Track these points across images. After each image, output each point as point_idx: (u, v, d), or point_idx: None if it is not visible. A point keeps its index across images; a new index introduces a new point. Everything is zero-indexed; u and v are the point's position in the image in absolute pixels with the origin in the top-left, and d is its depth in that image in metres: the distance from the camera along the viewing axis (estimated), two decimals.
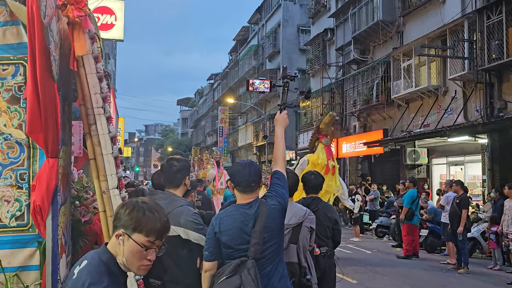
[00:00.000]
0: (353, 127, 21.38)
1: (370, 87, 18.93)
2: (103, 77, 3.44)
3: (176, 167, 3.23)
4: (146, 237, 1.82)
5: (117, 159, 3.53)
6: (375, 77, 18.68)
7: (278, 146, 3.11)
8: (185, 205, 3.16)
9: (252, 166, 2.91)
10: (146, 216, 1.83)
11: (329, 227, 4.46)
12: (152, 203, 1.89)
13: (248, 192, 2.87)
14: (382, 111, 18.56)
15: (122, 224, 1.82)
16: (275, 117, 3.26)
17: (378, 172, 20.48)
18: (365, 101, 19.15)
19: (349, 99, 20.90)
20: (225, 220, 2.85)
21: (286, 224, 3.64)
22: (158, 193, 3.25)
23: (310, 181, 4.50)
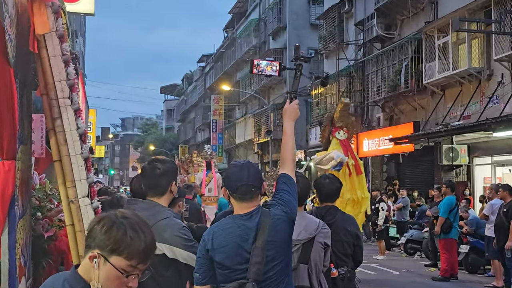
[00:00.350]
0: (376, 119, 21.37)
1: (397, 71, 18.92)
2: (69, 60, 3.44)
3: (160, 170, 3.23)
4: (127, 261, 1.80)
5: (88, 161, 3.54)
6: (404, 58, 18.65)
7: (286, 144, 3.13)
8: (171, 217, 3.17)
9: (251, 167, 2.92)
10: (128, 235, 1.80)
11: (349, 243, 4.48)
12: (135, 219, 1.88)
13: (247, 199, 2.88)
14: (412, 99, 18.54)
15: (98, 243, 1.80)
16: (284, 108, 3.26)
17: (407, 174, 20.44)
18: (391, 88, 19.14)
19: (371, 85, 20.87)
20: (220, 235, 2.86)
21: (295, 239, 3.63)
22: (138, 203, 3.26)
23: (324, 187, 4.51)
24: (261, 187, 2.92)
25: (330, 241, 3.91)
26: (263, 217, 2.84)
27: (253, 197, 2.88)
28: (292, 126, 3.19)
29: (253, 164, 2.97)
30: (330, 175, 4.70)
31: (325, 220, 4.20)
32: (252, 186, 2.86)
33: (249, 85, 38.20)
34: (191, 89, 62.20)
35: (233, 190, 2.89)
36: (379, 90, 20.20)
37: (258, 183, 2.89)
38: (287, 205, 2.91)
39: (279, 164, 3.16)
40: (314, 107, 26.33)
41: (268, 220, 2.83)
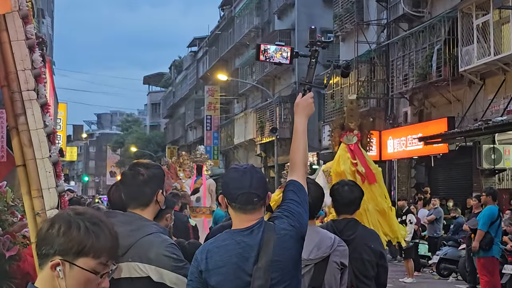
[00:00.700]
0: (403, 114, 21.36)
1: (427, 56, 18.91)
2: (35, 45, 3.45)
3: (143, 176, 3.24)
4: (96, 260, 1.88)
5: (57, 166, 3.53)
6: (435, 41, 18.64)
7: (297, 145, 3.14)
8: (158, 232, 3.17)
9: (254, 173, 2.93)
10: (90, 232, 1.88)
11: (372, 262, 4.47)
12: (90, 212, 1.97)
13: (248, 211, 2.88)
14: (445, 90, 18.54)
15: (58, 249, 1.86)
16: (296, 102, 3.27)
17: (440, 180, 20.40)
18: (420, 77, 19.14)
19: (397, 74, 20.85)
20: (215, 253, 2.86)
21: (306, 259, 3.63)
22: (118, 215, 3.26)
23: (342, 196, 4.53)
24: (266, 197, 2.93)
25: (347, 260, 3.91)
26: (267, 232, 2.84)
27: (256, 209, 2.88)
28: (304, 124, 3.21)
29: (257, 170, 2.99)
30: (350, 182, 4.74)
31: (343, 235, 4.21)
32: (255, 195, 2.86)
33: (250, 74, 38.20)
34: (180, 78, 62.23)
35: (232, 199, 2.89)
36: (406, 79, 20.17)
37: (262, 192, 2.89)
38: (295, 218, 2.91)
39: (289, 169, 3.20)
40: (329, 100, 26.32)
41: (272, 235, 2.83)
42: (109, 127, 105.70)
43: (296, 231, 2.89)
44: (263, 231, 2.84)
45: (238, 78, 39.46)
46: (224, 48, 44.25)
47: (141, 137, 68.71)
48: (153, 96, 77.92)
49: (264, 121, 33.98)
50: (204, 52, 52.86)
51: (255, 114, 35.90)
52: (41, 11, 28.63)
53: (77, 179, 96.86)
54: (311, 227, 3.53)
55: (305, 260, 3.69)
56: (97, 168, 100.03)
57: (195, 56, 56.95)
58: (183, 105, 59.15)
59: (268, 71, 33.74)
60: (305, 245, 3.01)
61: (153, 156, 57.72)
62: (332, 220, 4.61)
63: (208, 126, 44.52)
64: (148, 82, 78.99)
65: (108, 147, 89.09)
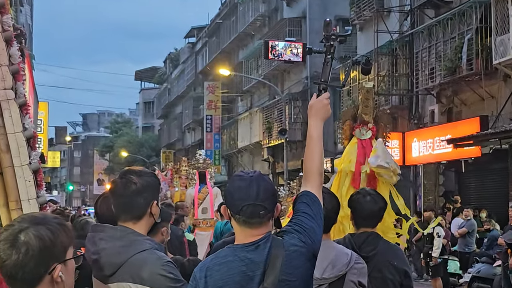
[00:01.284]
0: (429, 113, 21.32)
1: (457, 47, 18.87)
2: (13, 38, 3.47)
3: (136, 185, 3.25)
4: (71, 247, 2.27)
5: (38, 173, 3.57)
6: (466, 30, 18.60)
7: (311, 151, 3.17)
8: (152, 248, 3.18)
9: (261, 181, 2.94)
10: (60, 227, 2.24)
11: (395, 282, 4.48)
12: (47, 215, 2.30)
13: (254, 225, 2.90)
14: (477, 86, 18.49)
15: (50, 258, 2.17)
16: (310, 103, 3.30)
17: (472, 188, 20.32)
18: (449, 70, 19.10)
19: (422, 67, 20.80)
20: (216, 272, 2.87)
21: (319, 278, 3.66)
22: (107, 229, 3.27)
23: (364, 207, 4.54)
24: (274, 209, 2.94)
25: (366, 280, 3.92)
26: (275, 248, 2.85)
27: (263, 222, 2.90)
28: (319, 128, 3.23)
29: (264, 178, 3.00)
30: (372, 191, 4.75)
31: (362, 251, 4.24)
32: (262, 207, 2.87)
33: (255, 68, 38.18)
34: (176, 73, 62.27)
35: (235, 210, 2.90)
36: (432, 73, 20.13)
37: (270, 204, 2.91)
38: (307, 233, 2.93)
39: (303, 178, 3.21)
40: (345, 97, 26.28)
41: (281, 252, 2.84)
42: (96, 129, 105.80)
43: (308, 248, 2.91)
44: (270, 246, 2.85)
45: (242, 72, 39.46)
46: (226, 39, 44.24)
47: (132, 140, 68.76)
48: (146, 93, 77.95)
49: (272, 121, 33.95)
50: (203, 43, 52.86)
51: (261, 114, 35.90)
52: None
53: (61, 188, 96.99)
54: (325, 242, 3.55)
55: (318, 280, 3.70)
56: (83, 176, 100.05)
57: (193, 48, 56.96)
58: (179, 104, 59.14)
59: (276, 65, 33.61)
60: (318, 262, 3.01)
61: (146, 161, 57.76)
62: (350, 234, 4.62)
63: (208, 127, 44.50)
64: (140, 77, 79.04)
65: (95, 151, 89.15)
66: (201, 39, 53.94)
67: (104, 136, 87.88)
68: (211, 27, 49.05)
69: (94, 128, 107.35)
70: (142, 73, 78.26)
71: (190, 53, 57.70)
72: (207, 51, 50.94)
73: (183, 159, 16.76)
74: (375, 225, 4.57)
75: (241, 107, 42.78)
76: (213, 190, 14.37)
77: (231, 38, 42.64)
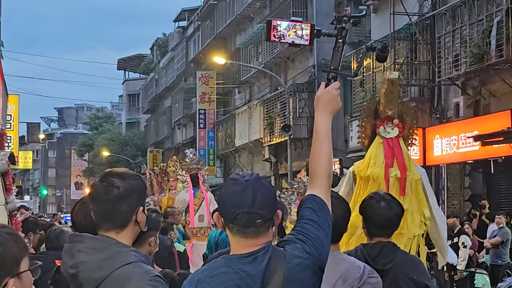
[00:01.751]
0: (454, 106, 21.45)
1: (484, 31, 18.95)
2: None
3: (119, 189, 3.26)
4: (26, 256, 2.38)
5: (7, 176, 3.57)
6: (495, 12, 18.66)
7: (319, 150, 3.21)
8: (138, 261, 3.18)
9: (258, 186, 2.97)
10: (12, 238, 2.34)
11: None
12: None
13: (249, 235, 2.94)
14: (508, 75, 18.62)
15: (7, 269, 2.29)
16: (317, 94, 3.32)
17: (502, 191, 20.43)
18: (476, 58, 19.23)
19: (445, 54, 20.94)
20: (208, 285, 2.93)
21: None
22: (86, 240, 3.25)
23: (378, 214, 4.60)
24: (274, 217, 2.98)
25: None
26: (274, 261, 2.89)
27: (260, 232, 2.94)
28: (328, 123, 3.26)
29: (262, 182, 3.02)
30: (387, 196, 4.80)
31: (377, 264, 4.33)
32: (258, 215, 2.91)
33: (255, 56, 38.54)
34: (165, 62, 62.91)
35: (229, 219, 2.95)
36: (457, 61, 20.28)
37: (268, 212, 2.94)
38: (312, 243, 2.97)
39: (308, 180, 3.28)
40: (357, 89, 26.46)
41: (282, 265, 2.88)
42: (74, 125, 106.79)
43: (313, 260, 2.95)
44: (270, 258, 2.89)
45: (239, 61, 39.89)
46: (222, 22, 44.63)
47: (115, 138, 69.42)
48: (130, 85, 78.71)
49: (274, 116, 34.31)
50: (195, 27, 53.33)
51: (262, 108, 36.23)
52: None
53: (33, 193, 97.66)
54: (335, 253, 3.63)
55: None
56: (59, 179, 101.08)
57: (184, 33, 57.51)
58: (168, 97, 59.81)
59: (279, 52, 33.98)
60: (327, 277, 3.06)
61: (131, 162, 58.22)
62: (363, 245, 4.67)
63: (201, 123, 44.89)
64: (123, 67, 79.79)
65: (72, 151, 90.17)
66: (192, 23, 54.44)
67: (82, 134, 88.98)
68: (204, 9, 49.50)
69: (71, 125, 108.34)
70: (125, 61, 79.00)
71: (180, 38, 58.26)
72: (199, 37, 51.39)
73: (175, 158, 16.75)
74: (390, 234, 4.66)
75: (238, 100, 43.11)
76: (208, 194, 14.43)
77: (227, 22, 43.06)
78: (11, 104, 33.36)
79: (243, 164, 40.39)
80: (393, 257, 4.50)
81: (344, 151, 27.93)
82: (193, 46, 53.62)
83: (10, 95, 33.72)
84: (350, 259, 4.07)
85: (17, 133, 36.08)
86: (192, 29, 54.47)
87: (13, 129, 33.08)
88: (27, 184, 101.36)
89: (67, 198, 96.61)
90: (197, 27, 52.63)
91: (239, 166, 40.50)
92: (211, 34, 46.80)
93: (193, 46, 53.62)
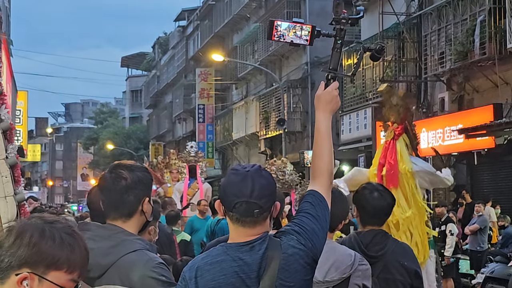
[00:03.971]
0: (439, 101, 21.30)
1: (469, 29, 18.83)
2: None
3: (126, 181, 3.26)
4: (69, 275, 2.02)
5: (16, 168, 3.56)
6: (478, 11, 18.55)
7: (320, 147, 3.18)
8: (143, 249, 3.19)
9: (257, 177, 2.94)
10: (65, 242, 2.02)
11: (405, 283, 4.51)
12: (62, 221, 2.12)
13: (247, 224, 2.91)
14: (491, 72, 18.46)
15: (26, 260, 1.97)
16: (317, 94, 3.30)
17: (485, 182, 20.34)
18: (460, 55, 19.05)
19: (431, 52, 20.77)
20: (207, 272, 2.88)
21: (321, 281, 3.71)
22: (94, 228, 3.28)
23: (371, 203, 4.58)
24: (272, 207, 2.94)
25: (370, 282, 3.95)
26: (271, 251, 2.86)
27: (258, 222, 2.90)
28: (328, 122, 3.23)
29: (262, 173, 2.99)
30: (379, 186, 4.81)
31: (370, 251, 4.31)
32: (256, 205, 2.87)
33: (251, 54, 38.12)
34: (166, 59, 62.15)
35: (229, 207, 2.90)
36: (442, 58, 20.09)
37: (266, 203, 2.90)
38: (308, 235, 2.93)
39: (310, 176, 3.24)
40: (348, 85, 26.27)
41: (277, 254, 2.85)
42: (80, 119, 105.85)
43: (307, 252, 2.91)
44: (266, 248, 2.86)
45: (236, 58, 39.39)
46: (219, 22, 44.11)
47: (118, 132, 68.61)
48: (133, 81, 77.80)
49: (269, 111, 33.97)
50: (194, 27, 52.73)
51: (258, 103, 35.88)
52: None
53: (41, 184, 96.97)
54: (328, 242, 3.48)
55: (321, 283, 3.73)
56: (66, 170, 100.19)
57: (184, 32, 56.82)
58: (169, 92, 59.06)
59: (274, 50, 33.60)
60: (320, 264, 3.02)
61: (134, 154, 57.69)
62: (356, 232, 4.66)
63: (200, 117, 44.42)
64: (127, 64, 78.86)
65: (78, 144, 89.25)
66: (192, 22, 53.79)
67: (88, 128, 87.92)
68: (203, 9, 48.86)
69: (77, 119, 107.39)
70: (129, 59, 78.06)
71: (180, 37, 57.54)
72: (198, 35, 50.80)
73: (172, 152, 16.66)
74: (382, 223, 4.62)
75: (236, 96, 42.70)
76: (204, 186, 14.30)
77: (225, 21, 42.49)
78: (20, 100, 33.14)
79: (240, 157, 40.01)
80: (385, 244, 4.46)
81: (335, 144, 27.78)
82: (192, 45, 53.03)
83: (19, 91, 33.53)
84: (342, 247, 4.01)
85: (26, 128, 35.80)
86: (192, 28, 53.83)
87: (22, 123, 32.80)
88: (35, 176, 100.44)
89: (73, 189, 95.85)
90: (196, 26, 52.05)
91: (236, 159, 40.12)
92: (210, 33, 46.23)
93: (192, 45, 53.03)
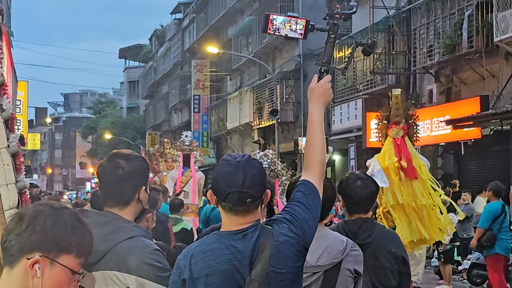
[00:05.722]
0: (427, 93, 21.33)
1: (457, 23, 18.85)
2: None
3: (123, 170, 3.27)
4: (78, 258, 2.11)
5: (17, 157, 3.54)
6: (466, 6, 18.56)
7: (312, 139, 3.18)
8: (139, 236, 3.20)
9: (249, 167, 2.94)
10: (75, 227, 2.12)
11: (393, 270, 4.52)
12: (69, 207, 2.19)
13: (240, 213, 2.92)
14: (478, 65, 18.49)
15: (38, 245, 2.02)
16: (310, 87, 3.29)
17: (472, 171, 20.37)
18: (448, 48, 19.08)
19: (420, 45, 20.78)
20: (201, 259, 2.89)
21: (314, 265, 3.69)
22: (92, 215, 3.27)
23: (354, 192, 4.57)
24: (263, 196, 2.96)
25: (362, 267, 3.94)
26: (263, 238, 2.87)
27: (250, 210, 2.91)
28: (321, 114, 3.22)
29: (253, 163, 2.99)
30: (362, 175, 4.79)
31: (358, 238, 4.27)
32: (248, 195, 2.88)
33: (245, 46, 38.13)
34: (162, 51, 62.10)
35: (221, 197, 2.92)
36: (431, 51, 20.12)
37: (258, 191, 2.91)
38: (299, 223, 2.94)
39: (303, 166, 3.22)
40: (339, 77, 26.29)
41: (269, 242, 2.86)
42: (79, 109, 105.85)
43: (298, 240, 2.91)
44: (258, 236, 2.86)
45: (231, 50, 39.30)
46: (215, 15, 44.06)
47: (116, 122, 68.72)
48: (131, 72, 77.81)
49: (263, 101, 33.97)
50: (190, 19, 52.64)
51: (251, 93, 35.88)
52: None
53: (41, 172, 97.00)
54: (320, 228, 3.53)
55: (313, 267, 3.73)
56: (65, 159, 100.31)
57: (180, 25, 56.75)
58: (166, 83, 59.09)
59: (268, 43, 33.59)
60: (313, 249, 3.04)
61: (131, 143, 57.75)
62: (344, 221, 4.65)
63: (195, 107, 44.44)
64: (124, 55, 78.87)
65: (77, 133, 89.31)
66: (188, 15, 53.72)
67: (86, 117, 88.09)
68: (199, 2, 48.79)
69: (76, 109, 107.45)
70: (126, 51, 78.10)
71: (176, 30, 57.50)
72: (194, 28, 50.75)
73: (166, 141, 16.63)
74: (368, 210, 4.62)
75: (230, 87, 42.72)
76: (197, 174, 14.28)
77: (220, 14, 42.43)
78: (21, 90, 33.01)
79: (234, 146, 40.08)
80: (372, 231, 4.45)
81: (327, 134, 27.80)
82: (188, 37, 52.98)
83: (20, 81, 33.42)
84: (333, 233, 4.01)
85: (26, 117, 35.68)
86: (188, 21, 53.73)
87: (22, 113, 32.67)
88: (35, 164, 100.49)
89: (72, 177, 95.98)
90: (192, 19, 51.96)
91: (231, 148, 40.20)
92: (205, 25, 46.16)
93: (188, 37, 52.98)
